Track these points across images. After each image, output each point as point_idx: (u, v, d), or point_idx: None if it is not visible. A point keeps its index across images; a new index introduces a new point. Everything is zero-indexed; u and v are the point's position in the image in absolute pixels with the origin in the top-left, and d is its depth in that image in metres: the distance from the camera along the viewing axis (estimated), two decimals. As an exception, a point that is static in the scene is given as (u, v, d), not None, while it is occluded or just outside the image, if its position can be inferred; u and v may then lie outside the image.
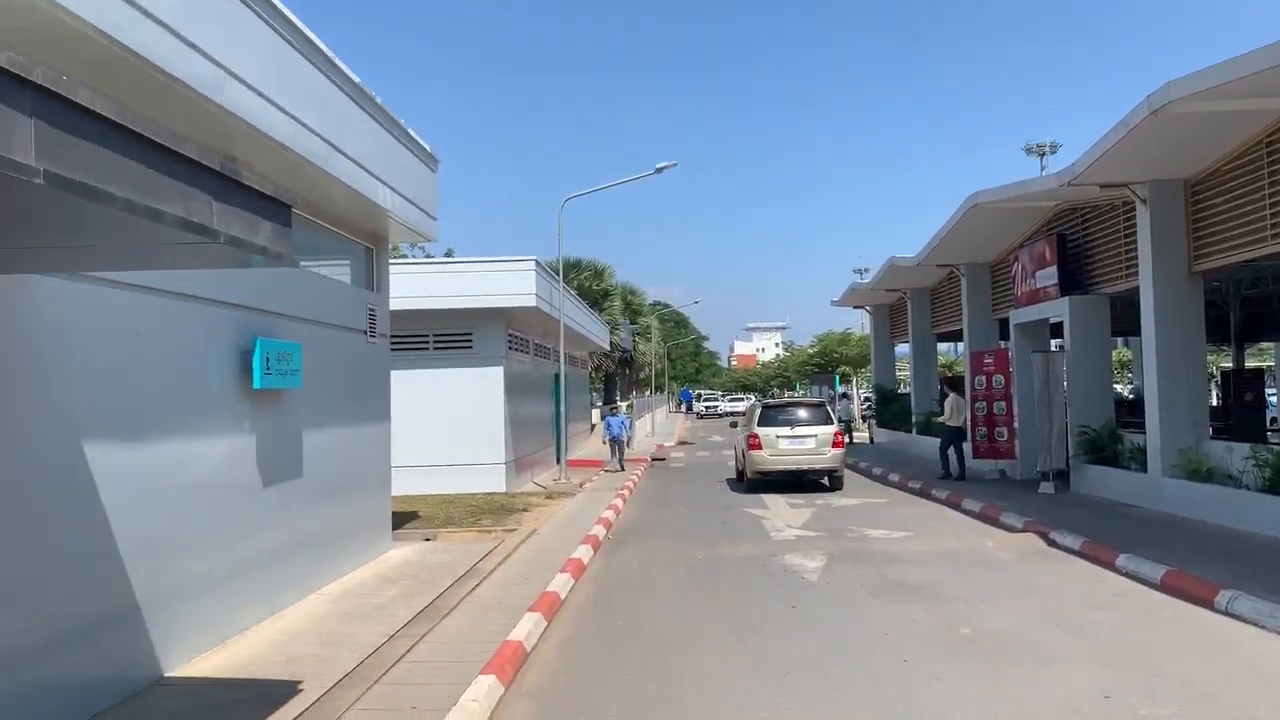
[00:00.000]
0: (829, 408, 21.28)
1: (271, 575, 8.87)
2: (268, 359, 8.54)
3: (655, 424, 49.22)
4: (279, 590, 9.03)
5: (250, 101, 7.15)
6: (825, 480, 19.79)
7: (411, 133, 11.74)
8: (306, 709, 6.16)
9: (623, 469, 24.51)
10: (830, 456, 19.31)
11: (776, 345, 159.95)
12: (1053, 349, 19.84)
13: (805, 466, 19.34)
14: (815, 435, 19.42)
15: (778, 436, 19.41)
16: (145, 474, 6.87)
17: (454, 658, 7.28)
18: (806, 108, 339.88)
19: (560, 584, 9.95)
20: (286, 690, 6.54)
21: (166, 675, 6.95)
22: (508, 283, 19.31)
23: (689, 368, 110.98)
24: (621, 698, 6.60)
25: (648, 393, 61.07)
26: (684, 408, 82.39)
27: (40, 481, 5.80)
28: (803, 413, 20.13)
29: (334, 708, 6.18)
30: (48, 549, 5.81)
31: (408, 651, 7.53)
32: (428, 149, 12.48)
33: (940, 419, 21.26)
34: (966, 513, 15.55)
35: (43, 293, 5.80)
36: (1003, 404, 19.82)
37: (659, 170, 24.15)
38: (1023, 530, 13.25)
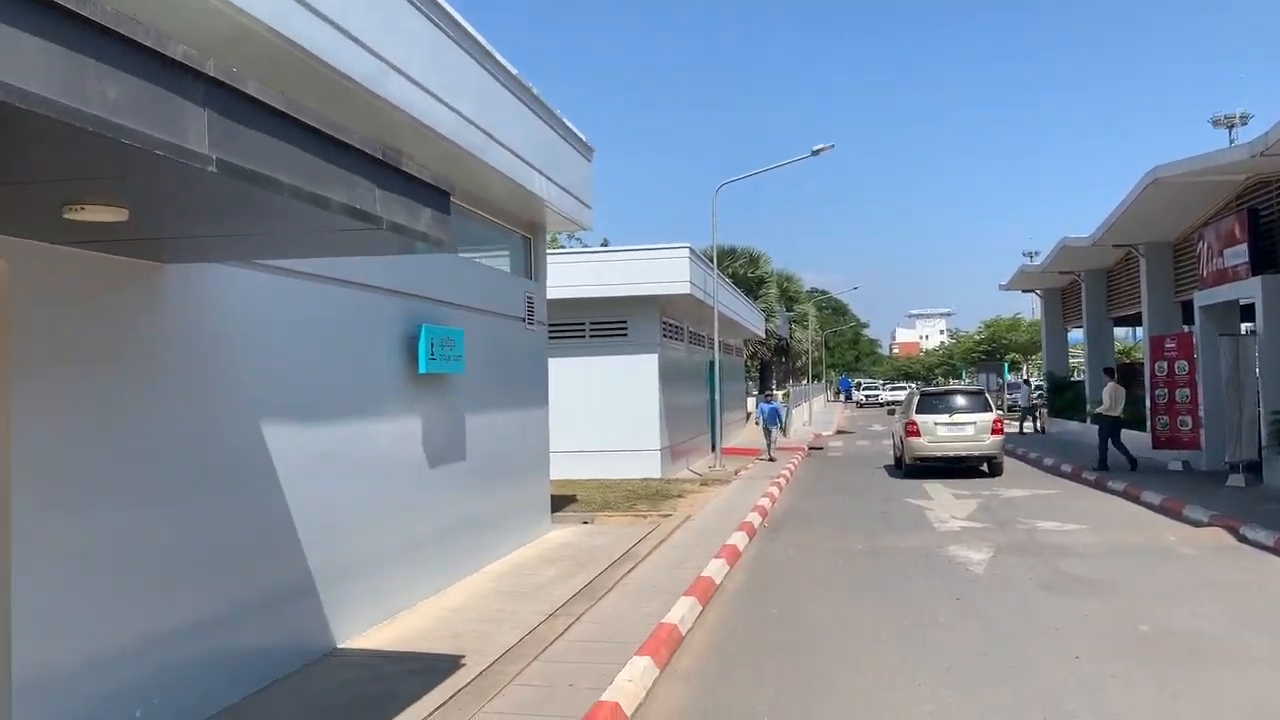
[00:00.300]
0: (987, 395, 21.05)
1: (437, 553, 9.19)
2: (432, 345, 8.84)
3: (813, 413, 48.53)
4: (445, 568, 9.35)
5: (411, 94, 7.37)
6: (984, 466, 19.84)
7: (567, 122, 11.89)
8: (469, 682, 6.36)
9: (773, 459, 23.95)
10: (989, 443, 19.38)
11: (941, 332, 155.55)
12: (1243, 332, 18.49)
13: (964, 453, 19.52)
14: (974, 422, 19.51)
15: (936, 423, 19.58)
16: (319, 455, 7.21)
17: (610, 638, 7.37)
18: (977, 85, 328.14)
19: (715, 570, 9.92)
20: (450, 664, 6.77)
21: (339, 646, 7.30)
22: (662, 270, 19.42)
23: (847, 355, 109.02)
24: (777, 685, 6.52)
25: (804, 381, 60.28)
26: (843, 396, 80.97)
27: (223, 462, 6.15)
28: (961, 400, 20.37)
29: (495, 682, 6.36)
30: (231, 526, 6.16)
31: (565, 630, 7.67)
32: (583, 138, 12.62)
33: (1099, 409, 20.24)
34: (1146, 505, 14.69)
35: (222, 280, 6.14)
36: (1186, 391, 18.63)
37: (815, 153, 23.65)
38: (1209, 524, 12.41)
